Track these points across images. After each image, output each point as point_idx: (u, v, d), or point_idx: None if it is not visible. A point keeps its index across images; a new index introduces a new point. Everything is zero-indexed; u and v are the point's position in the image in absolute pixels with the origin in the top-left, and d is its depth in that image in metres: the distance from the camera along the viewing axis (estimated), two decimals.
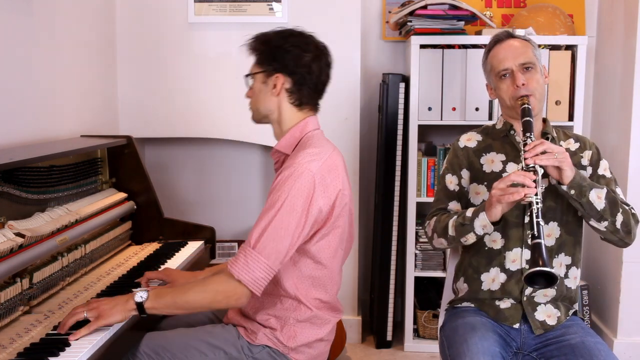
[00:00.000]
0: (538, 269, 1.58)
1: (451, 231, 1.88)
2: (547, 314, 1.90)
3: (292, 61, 1.70)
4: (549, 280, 1.60)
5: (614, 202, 1.81)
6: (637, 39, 2.80)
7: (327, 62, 1.78)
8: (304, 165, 1.62)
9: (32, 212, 1.85)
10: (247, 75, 1.79)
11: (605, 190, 1.81)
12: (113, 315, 1.58)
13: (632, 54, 2.85)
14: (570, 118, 2.99)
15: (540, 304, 1.91)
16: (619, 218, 1.81)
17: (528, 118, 1.83)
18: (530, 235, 1.66)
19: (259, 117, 1.80)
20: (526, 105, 1.85)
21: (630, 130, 2.86)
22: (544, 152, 1.74)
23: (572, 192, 1.78)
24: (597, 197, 1.78)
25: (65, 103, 2.49)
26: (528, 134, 1.80)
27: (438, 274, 3.12)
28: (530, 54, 1.91)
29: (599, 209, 1.79)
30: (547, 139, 1.93)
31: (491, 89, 2.01)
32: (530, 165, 1.73)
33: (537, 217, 1.66)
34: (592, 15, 3.27)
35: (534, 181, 1.70)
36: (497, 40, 1.96)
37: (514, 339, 1.88)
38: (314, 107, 1.80)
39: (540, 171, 1.74)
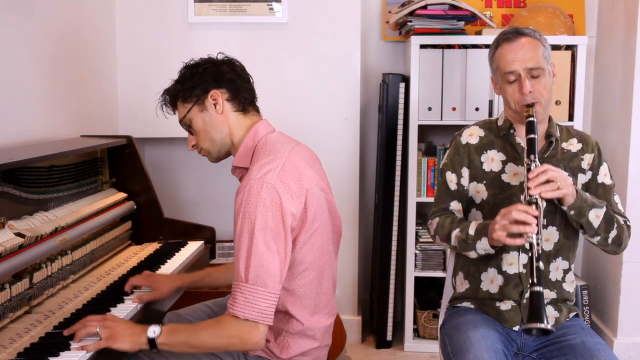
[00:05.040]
0: (538, 326, 1.59)
1: (454, 242, 1.89)
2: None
3: (212, 75, 1.71)
4: (545, 332, 1.62)
5: (610, 220, 1.83)
6: (637, 39, 2.80)
7: (237, 62, 1.78)
8: (260, 179, 1.55)
9: (32, 212, 1.85)
10: (182, 120, 1.75)
11: (604, 209, 1.82)
12: (124, 342, 1.53)
13: (632, 54, 2.85)
14: (571, 118, 2.99)
15: None
16: (612, 234, 1.85)
17: (532, 135, 1.78)
18: (530, 284, 1.65)
19: (218, 149, 1.75)
20: (531, 119, 1.80)
21: (630, 130, 2.86)
22: (547, 182, 1.71)
23: (572, 212, 1.80)
24: (596, 217, 1.81)
25: (65, 103, 2.49)
26: (532, 156, 1.76)
27: (438, 274, 3.12)
28: (540, 57, 1.83)
29: (595, 227, 1.83)
30: (550, 142, 1.91)
31: (496, 84, 1.96)
32: (534, 197, 1.70)
33: (536, 261, 1.65)
34: (592, 15, 3.27)
35: (536, 217, 1.67)
36: (505, 39, 1.87)
37: (515, 340, 1.88)
38: (256, 109, 1.78)
39: (543, 205, 1.71)
